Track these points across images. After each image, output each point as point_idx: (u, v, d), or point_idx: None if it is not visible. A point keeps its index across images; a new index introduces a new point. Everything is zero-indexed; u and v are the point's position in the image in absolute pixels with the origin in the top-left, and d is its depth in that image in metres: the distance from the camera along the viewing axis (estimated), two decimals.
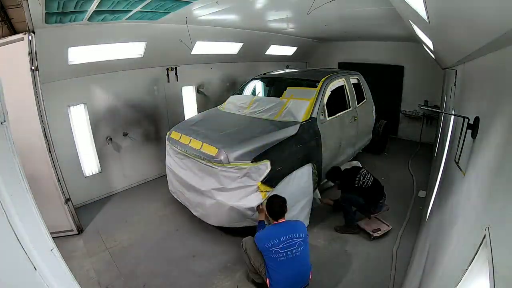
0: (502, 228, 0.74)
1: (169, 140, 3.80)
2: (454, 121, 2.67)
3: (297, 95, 4.14)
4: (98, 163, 4.60)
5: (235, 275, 3.02)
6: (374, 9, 3.55)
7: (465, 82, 2.49)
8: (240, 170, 2.98)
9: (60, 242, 3.47)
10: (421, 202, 4.28)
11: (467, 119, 1.57)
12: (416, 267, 2.42)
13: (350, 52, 8.05)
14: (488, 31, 1.09)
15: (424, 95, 6.92)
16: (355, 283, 2.89)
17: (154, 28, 4.17)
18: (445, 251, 1.41)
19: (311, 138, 3.70)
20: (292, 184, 3.29)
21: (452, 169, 2.04)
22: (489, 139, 1.18)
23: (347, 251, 3.35)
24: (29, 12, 2.70)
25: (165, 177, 4.22)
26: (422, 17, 1.82)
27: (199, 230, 3.77)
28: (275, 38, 6.51)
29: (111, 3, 2.79)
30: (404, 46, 6.88)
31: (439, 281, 1.31)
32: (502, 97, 1.12)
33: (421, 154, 6.43)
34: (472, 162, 1.44)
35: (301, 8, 3.62)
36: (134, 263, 3.23)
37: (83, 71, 4.08)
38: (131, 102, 4.86)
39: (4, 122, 1.03)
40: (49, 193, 3.43)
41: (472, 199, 1.19)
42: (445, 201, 2.06)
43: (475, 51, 1.57)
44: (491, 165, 1.04)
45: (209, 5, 3.34)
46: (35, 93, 3.13)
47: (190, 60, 5.52)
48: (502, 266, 0.65)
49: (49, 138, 3.31)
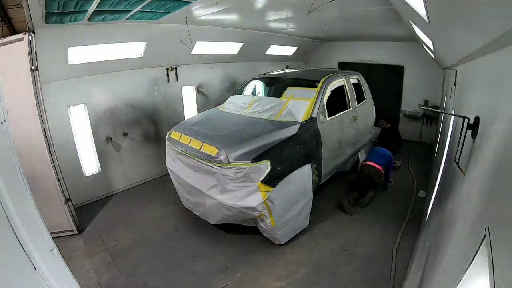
0: (502, 228, 0.74)
1: (169, 140, 3.79)
2: (454, 121, 2.67)
3: (297, 95, 4.13)
4: (98, 163, 4.60)
5: (235, 275, 3.02)
6: (374, 9, 3.55)
7: (465, 82, 2.49)
8: (240, 170, 2.98)
9: (60, 242, 3.47)
10: (421, 202, 4.28)
11: (467, 119, 1.57)
12: (416, 267, 2.42)
13: (350, 52, 8.05)
14: (488, 31, 1.09)
15: (424, 95, 6.93)
16: (355, 283, 2.89)
17: (154, 28, 4.17)
18: (445, 251, 1.41)
19: (311, 138, 3.70)
20: (292, 184, 3.29)
21: (452, 169, 2.04)
22: (489, 139, 1.18)
23: (347, 251, 3.35)
24: (29, 12, 2.70)
25: (165, 177, 4.22)
26: (422, 17, 1.83)
27: (199, 230, 3.77)
28: (275, 38, 6.51)
29: (111, 3, 2.79)
30: (404, 46, 6.88)
31: (439, 281, 1.31)
32: (502, 97, 1.12)
33: (421, 154, 6.43)
34: (472, 162, 1.43)
35: (301, 8, 3.62)
36: (134, 263, 3.23)
37: (83, 71, 4.08)
38: (131, 102, 4.86)
39: (4, 122, 1.03)
40: (49, 193, 3.43)
41: (472, 199, 1.19)
42: (445, 201, 2.06)
43: (475, 51, 1.57)
44: (491, 165, 1.04)
45: (209, 5, 3.34)
46: (35, 93, 3.13)
47: (190, 60, 5.52)
48: (502, 266, 0.65)
49: (49, 138, 3.31)
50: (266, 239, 3.41)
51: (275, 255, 3.28)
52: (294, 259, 3.23)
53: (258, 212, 3.04)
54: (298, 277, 2.98)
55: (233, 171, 2.99)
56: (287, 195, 3.24)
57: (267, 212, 3.07)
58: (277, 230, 3.26)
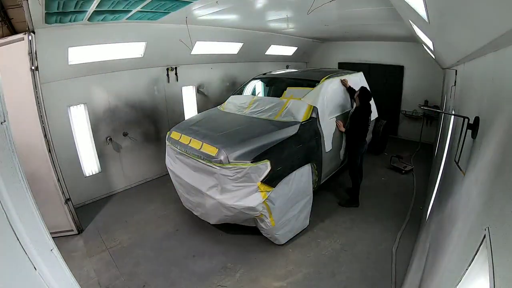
0: (502, 228, 0.74)
1: (169, 140, 3.79)
2: (454, 121, 2.67)
3: (297, 95, 4.14)
4: (98, 163, 4.60)
5: (235, 275, 3.02)
6: (374, 9, 3.55)
7: (465, 82, 2.49)
8: (240, 170, 2.98)
9: (60, 242, 3.48)
10: (421, 202, 4.28)
11: (467, 119, 1.57)
12: (416, 267, 2.42)
13: (350, 52, 8.05)
14: (488, 31, 1.09)
15: (424, 95, 6.93)
16: (355, 283, 2.89)
17: (154, 28, 4.17)
18: (445, 251, 1.41)
19: (311, 138, 3.70)
20: (292, 184, 3.29)
21: (452, 169, 2.04)
22: (489, 139, 1.18)
23: (347, 251, 3.35)
24: (29, 12, 2.70)
25: (165, 177, 4.22)
26: (422, 17, 1.83)
27: (199, 230, 3.77)
28: (275, 38, 6.51)
29: (111, 3, 2.79)
30: (404, 46, 6.88)
31: (439, 281, 1.31)
32: (502, 97, 1.12)
33: (421, 154, 6.43)
34: (472, 162, 1.43)
35: (301, 8, 3.62)
36: (134, 263, 3.23)
37: (83, 71, 4.08)
38: (131, 102, 4.86)
39: (4, 122, 1.03)
40: (49, 193, 3.43)
41: (472, 199, 1.19)
42: (445, 201, 2.06)
43: (475, 51, 1.57)
44: (491, 165, 1.04)
45: (209, 5, 3.34)
46: (35, 93, 3.13)
47: (190, 60, 5.52)
48: (502, 266, 0.65)
49: (49, 138, 3.31)
50: (266, 239, 3.41)
51: (275, 255, 3.28)
52: (294, 259, 3.23)
53: (258, 212, 3.04)
54: (298, 277, 2.98)
55: (233, 171, 2.99)
56: (287, 195, 3.24)
57: (267, 212, 3.07)
58: (277, 230, 3.26)
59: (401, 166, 5.50)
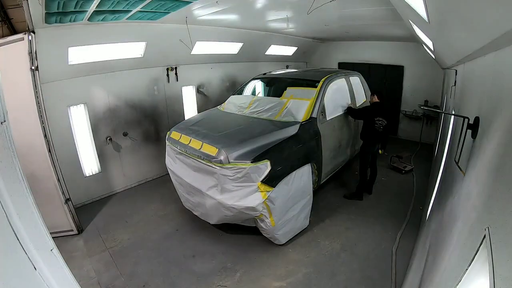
0: (502, 228, 0.74)
1: (169, 140, 3.79)
2: (454, 121, 2.67)
3: (297, 95, 4.14)
4: (98, 163, 4.60)
5: (235, 275, 3.02)
6: (374, 9, 3.55)
7: (465, 82, 2.49)
8: (240, 170, 2.98)
9: (60, 242, 3.48)
10: (421, 202, 4.28)
11: (467, 119, 1.57)
12: (416, 267, 2.42)
13: (350, 52, 8.05)
14: (488, 31, 1.09)
15: (424, 95, 6.93)
16: (355, 283, 2.89)
17: (154, 28, 4.17)
18: (445, 251, 1.41)
19: (311, 138, 3.70)
20: (292, 184, 3.29)
21: (452, 169, 2.04)
22: (489, 139, 1.18)
23: (347, 251, 3.35)
24: (29, 12, 2.70)
25: (165, 177, 4.22)
26: (422, 17, 1.83)
27: (199, 230, 3.77)
28: (275, 38, 6.51)
29: (111, 3, 2.79)
30: (404, 46, 6.88)
31: (439, 281, 1.31)
32: (502, 97, 1.12)
33: (421, 154, 6.43)
34: (472, 162, 1.43)
35: (301, 8, 3.62)
36: (134, 263, 3.23)
37: (83, 71, 4.08)
38: (131, 102, 4.86)
39: (4, 122, 1.03)
40: (49, 193, 3.43)
41: (472, 199, 1.19)
42: (445, 201, 2.06)
43: (475, 51, 1.57)
44: (491, 165, 1.04)
45: (209, 5, 3.35)
46: (35, 93, 3.13)
47: (190, 60, 5.52)
48: (502, 266, 0.65)
49: (49, 138, 3.31)
50: (266, 239, 3.41)
51: (275, 255, 3.28)
52: (294, 259, 3.23)
53: (258, 212, 3.04)
54: (298, 277, 2.98)
55: (233, 171, 2.99)
56: (287, 195, 3.24)
57: (267, 212, 3.07)
58: (277, 230, 3.26)
59: (401, 166, 5.50)
